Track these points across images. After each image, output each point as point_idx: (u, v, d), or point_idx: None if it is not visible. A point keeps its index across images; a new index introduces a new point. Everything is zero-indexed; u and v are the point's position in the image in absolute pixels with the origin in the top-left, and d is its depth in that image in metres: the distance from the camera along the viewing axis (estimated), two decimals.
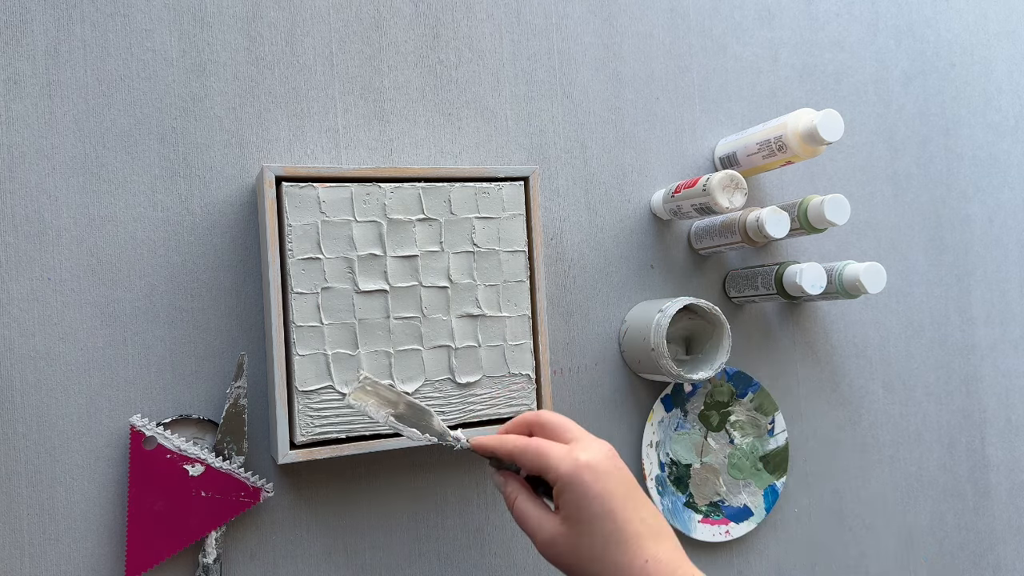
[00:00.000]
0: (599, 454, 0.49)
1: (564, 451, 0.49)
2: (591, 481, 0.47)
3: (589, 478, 0.47)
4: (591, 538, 0.47)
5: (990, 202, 0.91)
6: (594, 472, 0.48)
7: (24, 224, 0.58)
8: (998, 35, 0.93)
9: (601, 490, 0.47)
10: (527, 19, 0.73)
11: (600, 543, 0.47)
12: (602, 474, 0.48)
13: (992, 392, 0.89)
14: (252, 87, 0.64)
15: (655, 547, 0.47)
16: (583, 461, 0.48)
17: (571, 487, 0.48)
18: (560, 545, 0.48)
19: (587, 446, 0.49)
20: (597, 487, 0.47)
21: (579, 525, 0.47)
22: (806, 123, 0.66)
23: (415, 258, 0.63)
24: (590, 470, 0.48)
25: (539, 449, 0.50)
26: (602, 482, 0.47)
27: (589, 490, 0.47)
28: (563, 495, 0.48)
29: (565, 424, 0.52)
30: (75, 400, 0.59)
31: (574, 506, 0.48)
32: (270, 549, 0.62)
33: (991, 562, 0.88)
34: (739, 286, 0.76)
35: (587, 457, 0.48)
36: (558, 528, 0.48)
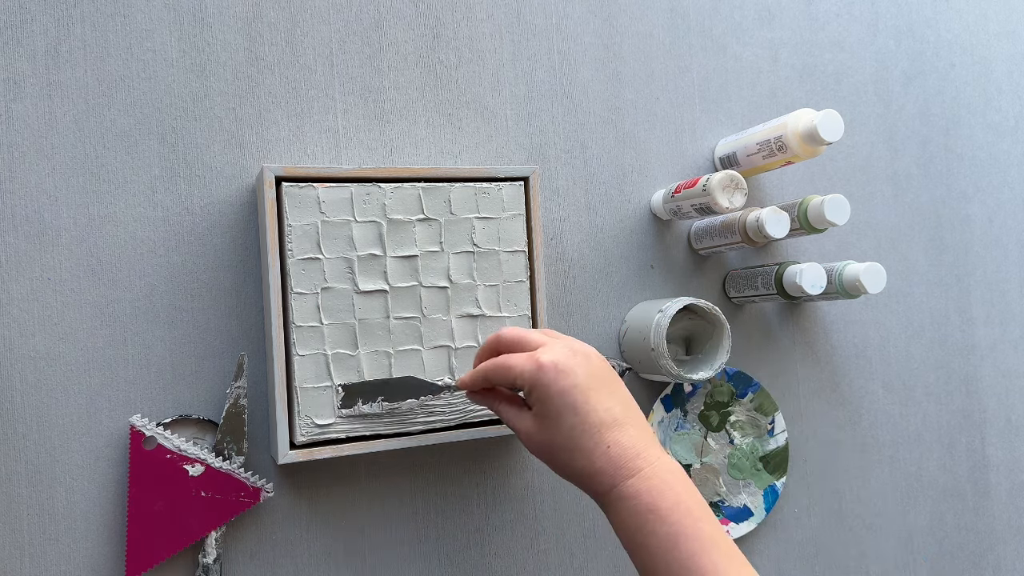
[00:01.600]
0: (560, 353, 0.51)
1: (525, 357, 0.52)
2: (551, 380, 0.50)
3: (550, 376, 0.50)
4: (559, 430, 0.50)
5: (990, 202, 0.91)
6: (555, 370, 0.50)
7: (24, 224, 0.58)
8: (998, 35, 0.93)
9: (563, 387, 0.50)
10: (527, 19, 0.73)
11: (566, 434, 0.50)
12: (562, 372, 0.50)
13: (992, 392, 0.89)
14: (252, 87, 0.64)
15: (618, 433, 0.49)
16: (543, 361, 0.50)
17: (535, 388, 0.50)
18: (535, 438, 0.52)
19: (550, 347, 0.52)
20: (558, 384, 0.50)
21: (547, 420, 0.50)
22: (806, 123, 0.66)
23: (415, 258, 0.63)
24: (552, 368, 0.50)
25: (503, 362, 0.53)
26: (564, 378, 0.50)
27: (550, 388, 0.50)
28: (530, 396, 0.51)
29: (524, 334, 0.55)
30: (75, 400, 0.59)
31: (540, 403, 0.51)
32: (270, 549, 0.62)
33: (991, 562, 0.88)
34: (739, 286, 0.76)
35: (547, 358, 0.51)
36: (531, 424, 0.52)
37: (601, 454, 0.49)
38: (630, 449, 0.49)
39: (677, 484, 0.48)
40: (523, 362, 0.51)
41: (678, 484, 0.48)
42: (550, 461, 0.52)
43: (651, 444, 0.50)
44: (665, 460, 0.49)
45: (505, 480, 0.69)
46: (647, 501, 0.47)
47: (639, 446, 0.49)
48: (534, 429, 0.52)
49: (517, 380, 0.52)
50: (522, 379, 0.51)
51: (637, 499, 0.47)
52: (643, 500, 0.47)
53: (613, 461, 0.49)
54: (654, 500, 0.47)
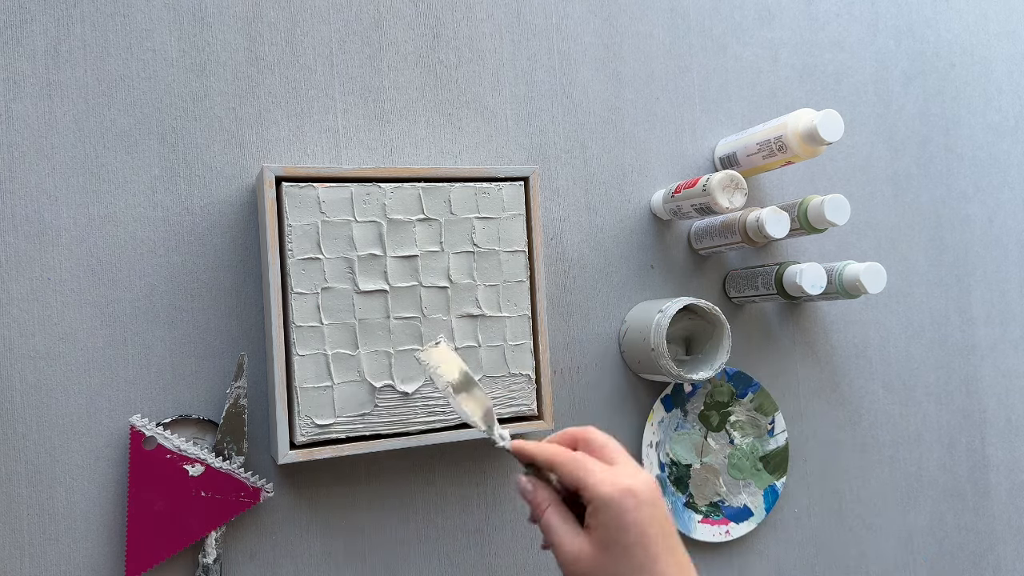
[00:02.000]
0: (643, 483, 0.47)
1: (607, 471, 0.47)
2: (631, 508, 0.45)
3: (629, 504, 0.46)
4: (619, 566, 0.45)
5: (990, 202, 0.91)
6: (635, 499, 0.46)
7: (24, 224, 0.58)
8: (998, 35, 0.93)
9: (638, 519, 0.45)
10: (527, 19, 0.73)
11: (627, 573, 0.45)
12: (643, 504, 0.46)
13: (992, 392, 0.89)
14: (252, 87, 0.64)
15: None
16: (625, 485, 0.46)
17: (608, 509, 0.46)
18: (585, 564, 0.46)
19: (632, 472, 0.48)
20: (635, 515, 0.45)
21: (609, 549, 0.46)
22: (806, 123, 0.66)
23: (415, 258, 0.63)
24: (632, 496, 0.46)
25: (583, 463, 0.48)
26: (641, 512, 0.46)
27: (626, 517, 0.45)
28: (598, 515, 0.46)
29: (611, 444, 0.50)
30: (75, 400, 0.59)
31: (607, 529, 0.46)
32: (270, 549, 0.62)
33: (991, 562, 0.88)
34: (739, 286, 0.76)
35: (630, 483, 0.46)
36: (587, 547, 0.47)
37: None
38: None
39: None
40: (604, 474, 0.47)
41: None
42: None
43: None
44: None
45: (505, 480, 0.69)
46: None
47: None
48: (587, 555, 0.46)
49: (589, 490, 0.47)
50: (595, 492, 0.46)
51: None
52: None
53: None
54: None
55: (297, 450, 0.59)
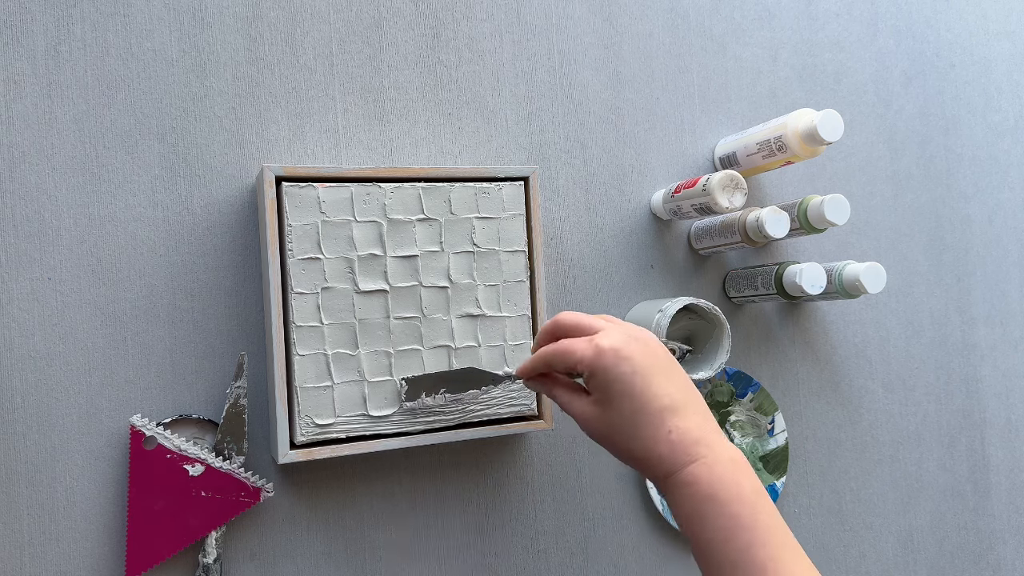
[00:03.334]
0: (619, 337, 0.51)
1: (585, 342, 0.52)
2: (612, 364, 0.50)
3: (611, 361, 0.50)
4: (619, 415, 0.50)
5: (990, 202, 0.91)
6: (616, 355, 0.50)
7: (24, 224, 0.58)
8: (998, 35, 0.93)
9: (624, 371, 0.50)
10: (527, 19, 0.73)
11: (628, 419, 0.50)
12: (623, 357, 0.50)
13: (992, 392, 0.89)
14: (252, 87, 0.64)
15: (679, 419, 0.49)
16: (604, 346, 0.50)
17: (595, 372, 0.50)
18: (594, 422, 0.52)
19: (609, 332, 0.52)
20: (619, 369, 0.50)
21: (607, 404, 0.51)
22: (806, 123, 0.66)
23: (415, 258, 0.63)
24: (612, 353, 0.50)
25: (563, 347, 0.53)
26: (625, 363, 0.50)
27: (611, 372, 0.50)
28: (590, 381, 0.51)
29: (583, 319, 0.54)
30: (75, 400, 0.59)
31: (600, 389, 0.51)
32: (270, 549, 0.62)
33: (991, 562, 0.88)
34: (739, 286, 0.76)
35: (608, 343, 0.50)
36: (590, 408, 0.52)
37: (662, 439, 0.49)
38: (691, 434, 0.49)
39: (738, 472, 0.48)
40: (583, 347, 0.51)
41: (739, 473, 0.48)
42: (609, 445, 0.52)
43: (712, 430, 0.50)
44: (726, 447, 0.49)
45: (505, 480, 0.69)
46: (706, 489, 0.47)
47: (700, 432, 0.49)
48: (593, 414, 0.52)
49: (577, 365, 0.52)
50: (582, 364, 0.51)
51: (697, 486, 0.47)
52: (703, 488, 0.47)
53: (674, 447, 0.49)
54: (713, 488, 0.47)
55: (297, 450, 0.59)
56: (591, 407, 0.52)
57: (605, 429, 0.51)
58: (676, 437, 0.49)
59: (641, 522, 0.73)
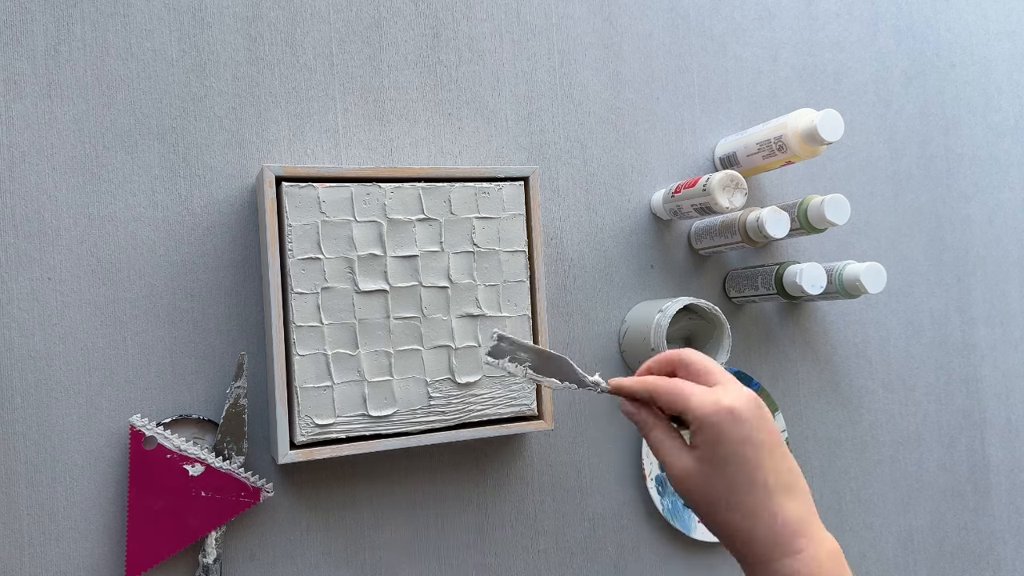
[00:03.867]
0: (742, 400, 0.48)
1: (707, 392, 0.48)
2: (731, 425, 0.47)
3: (729, 422, 0.47)
4: (723, 481, 0.47)
5: (990, 202, 0.91)
6: (735, 417, 0.47)
7: (24, 224, 0.59)
8: (998, 35, 0.93)
9: (740, 435, 0.47)
10: (527, 19, 0.73)
11: (731, 488, 0.47)
12: (743, 420, 0.47)
13: (992, 392, 0.89)
14: (252, 87, 0.64)
15: (786, 503, 0.46)
16: (725, 404, 0.47)
17: (710, 428, 0.47)
18: (692, 481, 0.48)
19: (731, 390, 0.48)
20: (736, 432, 0.47)
21: (713, 466, 0.47)
22: (806, 123, 0.66)
23: (415, 258, 0.63)
24: (732, 414, 0.47)
25: (681, 388, 0.49)
26: (742, 428, 0.47)
27: (728, 434, 0.47)
28: (701, 434, 0.47)
29: (710, 367, 0.51)
30: (75, 400, 0.59)
31: (711, 447, 0.47)
32: (270, 549, 0.62)
33: (991, 562, 0.88)
34: (739, 286, 0.76)
35: (730, 401, 0.47)
36: (692, 464, 0.48)
37: (764, 521, 0.46)
38: (796, 525, 0.46)
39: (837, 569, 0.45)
40: (704, 396, 0.48)
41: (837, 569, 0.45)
42: (704, 510, 0.48)
43: (815, 521, 0.47)
44: (826, 540, 0.46)
45: (505, 480, 0.69)
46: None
47: (805, 523, 0.46)
48: (693, 471, 0.48)
49: (690, 412, 0.48)
50: (696, 414, 0.47)
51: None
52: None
53: (776, 533, 0.46)
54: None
55: (297, 450, 0.59)
56: (693, 463, 0.48)
57: (704, 492, 0.48)
58: (780, 523, 0.46)
59: (641, 522, 0.73)
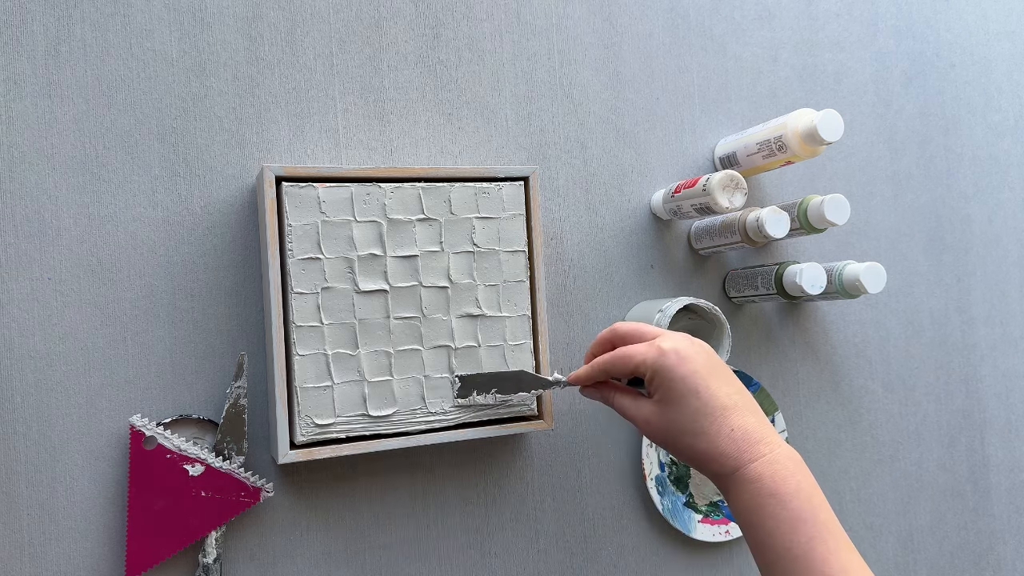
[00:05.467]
0: (680, 340, 0.54)
1: (646, 346, 0.54)
2: (675, 364, 0.52)
3: (673, 361, 0.52)
4: (681, 414, 0.52)
5: (990, 202, 0.91)
6: (677, 355, 0.52)
7: (24, 224, 0.59)
8: (998, 35, 0.93)
9: (685, 371, 0.52)
10: (527, 19, 0.73)
11: (690, 417, 0.51)
12: (684, 357, 0.52)
13: (992, 392, 0.89)
14: (252, 87, 0.64)
15: (740, 418, 0.51)
16: (665, 348, 0.53)
17: (658, 372, 0.52)
18: (655, 423, 0.54)
19: (667, 337, 0.54)
20: (681, 369, 0.52)
21: (669, 404, 0.52)
22: (806, 123, 0.66)
23: (415, 258, 0.63)
24: (674, 354, 0.52)
25: (624, 353, 0.55)
26: (686, 364, 0.52)
27: (674, 372, 0.52)
28: (653, 381, 0.53)
29: (640, 328, 0.57)
30: (75, 400, 0.59)
31: (663, 388, 0.52)
32: (270, 549, 0.62)
33: (991, 562, 0.88)
34: (739, 286, 0.76)
35: (669, 344, 0.53)
36: (652, 409, 0.54)
37: (725, 437, 0.51)
38: (753, 434, 0.51)
39: (798, 471, 0.50)
40: (644, 350, 0.54)
41: (799, 471, 0.50)
42: (671, 444, 0.53)
43: (771, 431, 0.52)
44: (785, 447, 0.51)
45: (505, 480, 0.69)
46: (769, 485, 0.49)
47: (761, 432, 0.51)
48: (655, 415, 0.53)
49: (640, 367, 0.53)
50: (644, 365, 0.53)
51: (759, 483, 0.49)
52: (765, 484, 0.49)
53: (737, 444, 0.50)
54: (776, 485, 0.49)
55: (297, 450, 0.59)
56: (654, 409, 0.54)
57: (668, 429, 0.53)
58: (739, 435, 0.50)
59: (641, 522, 0.73)
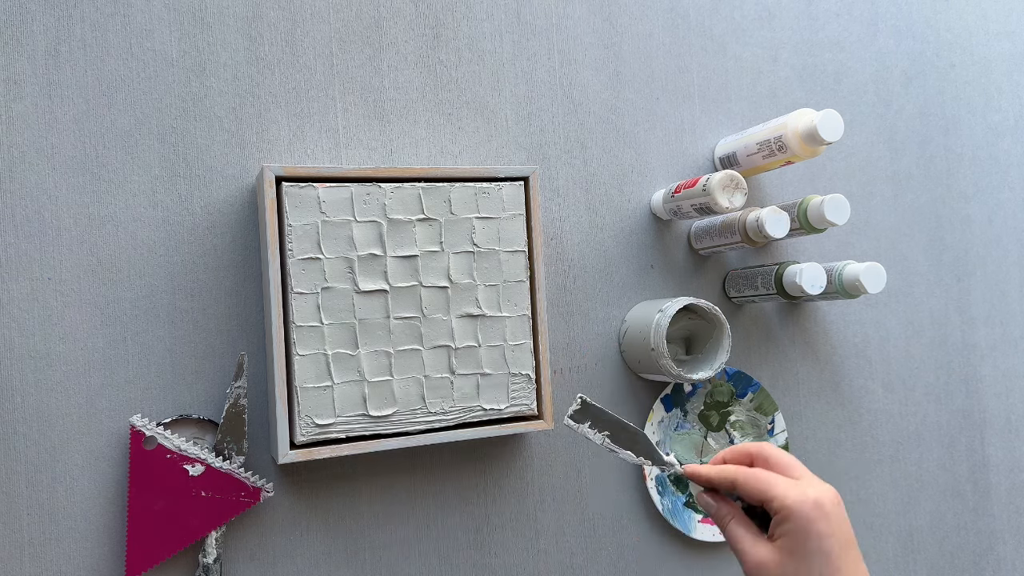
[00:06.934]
0: (828, 494, 0.49)
1: (792, 484, 0.50)
2: (817, 518, 0.48)
3: (816, 515, 0.48)
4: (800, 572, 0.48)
5: (990, 202, 0.91)
6: (821, 511, 0.48)
7: (24, 224, 0.59)
8: (998, 35, 0.93)
9: (825, 530, 0.48)
10: (527, 19, 0.73)
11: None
12: (828, 515, 0.48)
13: (992, 392, 0.89)
14: (252, 87, 0.64)
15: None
16: (812, 497, 0.48)
17: (795, 519, 0.48)
18: (769, 570, 0.49)
19: (816, 484, 0.50)
20: (821, 526, 0.48)
21: (795, 557, 0.48)
22: (806, 123, 0.66)
23: (415, 258, 0.63)
24: (818, 507, 0.48)
25: (767, 477, 0.51)
26: (827, 523, 0.48)
27: (813, 526, 0.48)
28: (785, 524, 0.49)
29: (792, 461, 0.53)
30: (75, 400, 0.59)
31: (794, 538, 0.48)
32: (270, 549, 0.62)
33: (991, 562, 0.88)
34: (739, 286, 0.76)
35: (816, 494, 0.49)
36: (772, 555, 0.49)
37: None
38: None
39: None
40: (790, 487, 0.49)
41: None
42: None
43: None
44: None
45: (505, 480, 0.69)
46: None
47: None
48: (773, 562, 0.49)
49: (775, 502, 0.49)
50: (782, 504, 0.49)
51: None
52: None
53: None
54: None
55: (297, 450, 0.59)
56: (773, 553, 0.49)
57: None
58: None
59: (641, 522, 0.73)
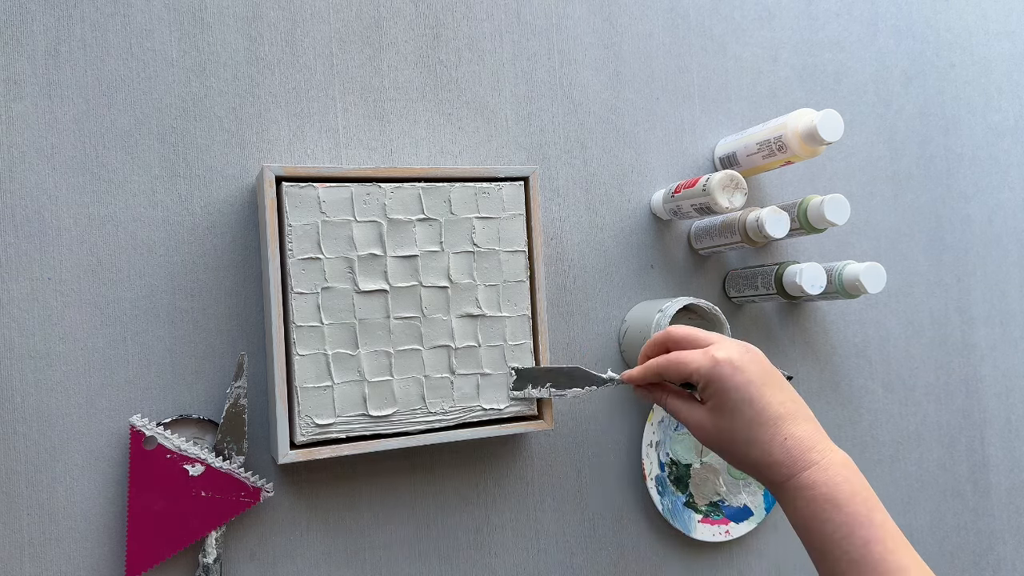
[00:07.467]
0: (734, 349, 0.54)
1: (700, 353, 0.55)
2: (729, 374, 0.53)
3: (727, 371, 0.53)
4: (734, 423, 0.53)
5: (990, 202, 0.91)
6: (731, 365, 0.53)
7: (24, 224, 0.59)
8: (998, 35, 0.93)
9: (740, 381, 0.53)
10: (527, 19, 0.73)
11: (743, 426, 0.53)
12: (739, 367, 0.53)
13: (992, 392, 0.89)
14: (252, 87, 0.64)
15: (793, 426, 0.52)
16: (720, 357, 0.53)
17: (712, 381, 0.53)
18: (708, 429, 0.55)
19: (722, 345, 0.55)
20: (736, 379, 0.53)
21: (723, 413, 0.54)
22: (806, 123, 0.66)
23: (415, 258, 0.63)
24: (728, 364, 0.53)
25: (678, 359, 0.56)
26: (740, 374, 0.53)
27: (728, 382, 0.53)
28: (706, 389, 0.54)
29: (695, 333, 0.58)
30: (75, 400, 0.59)
31: (716, 397, 0.54)
32: (270, 549, 0.62)
33: (991, 562, 0.88)
34: (739, 286, 0.76)
35: (723, 354, 0.54)
36: (706, 416, 0.55)
37: (778, 446, 0.52)
38: (806, 442, 0.52)
39: (851, 476, 0.51)
40: (699, 358, 0.54)
41: (852, 476, 0.51)
42: (724, 451, 0.55)
43: (823, 438, 0.53)
44: (838, 453, 0.52)
45: (505, 480, 0.69)
46: (824, 491, 0.50)
47: (813, 439, 0.52)
48: (708, 422, 0.55)
49: (693, 375, 0.54)
50: (698, 374, 0.54)
51: (814, 489, 0.50)
52: (820, 490, 0.50)
53: (790, 453, 0.51)
54: (831, 490, 0.50)
55: (297, 450, 0.59)
56: (707, 415, 0.55)
57: (721, 436, 0.54)
58: (792, 444, 0.51)
59: (641, 522, 0.73)
